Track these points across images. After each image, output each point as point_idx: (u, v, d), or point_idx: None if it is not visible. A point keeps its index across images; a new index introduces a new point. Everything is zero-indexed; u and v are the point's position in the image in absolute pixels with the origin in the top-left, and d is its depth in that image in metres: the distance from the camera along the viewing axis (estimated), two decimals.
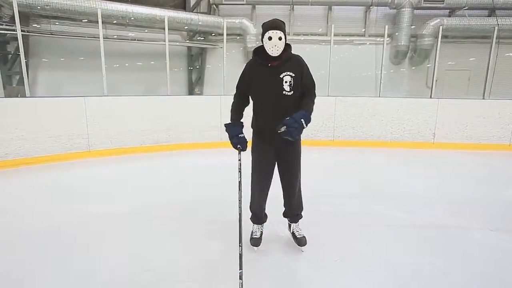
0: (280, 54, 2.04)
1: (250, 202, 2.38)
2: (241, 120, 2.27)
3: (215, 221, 2.84)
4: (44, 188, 3.73)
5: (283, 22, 2.08)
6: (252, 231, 2.44)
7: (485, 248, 2.45)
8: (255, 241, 2.37)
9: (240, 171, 2.16)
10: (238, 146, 2.17)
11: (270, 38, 1.98)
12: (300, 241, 2.34)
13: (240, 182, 2.13)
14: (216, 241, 2.50)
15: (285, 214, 2.45)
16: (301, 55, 2.16)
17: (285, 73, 2.06)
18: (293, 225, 2.44)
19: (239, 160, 2.17)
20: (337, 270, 2.15)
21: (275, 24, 2.00)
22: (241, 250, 1.92)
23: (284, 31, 2.02)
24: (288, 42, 2.10)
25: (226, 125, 2.24)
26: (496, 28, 5.93)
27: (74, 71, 8.05)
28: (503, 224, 2.86)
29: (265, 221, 2.47)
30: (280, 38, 1.98)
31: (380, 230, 2.71)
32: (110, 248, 2.42)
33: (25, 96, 4.64)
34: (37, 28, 7.63)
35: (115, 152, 5.12)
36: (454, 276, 2.10)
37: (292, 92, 2.08)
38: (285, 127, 1.97)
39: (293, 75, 2.07)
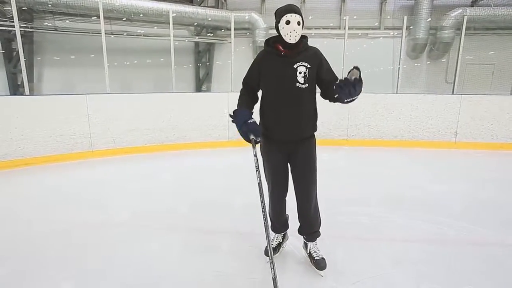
0: (296, 43, 1.80)
1: (268, 208, 2.13)
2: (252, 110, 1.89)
3: (225, 230, 2.62)
4: (44, 191, 3.56)
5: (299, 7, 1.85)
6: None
7: None
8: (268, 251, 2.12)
9: (258, 169, 1.79)
10: (251, 136, 1.77)
11: (288, 22, 1.75)
12: (319, 264, 2.01)
13: (260, 184, 1.77)
14: (224, 252, 2.29)
15: (300, 231, 2.12)
16: None
17: (299, 63, 1.81)
18: (310, 244, 2.10)
19: (255, 155, 1.80)
20: None
21: (293, 8, 1.80)
22: (274, 273, 1.63)
23: (302, 16, 1.79)
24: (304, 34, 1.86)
25: (231, 114, 1.82)
26: None
27: (81, 68, 7.91)
28: None
29: (284, 231, 2.21)
30: (299, 23, 1.76)
31: (406, 247, 2.38)
32: (110, 257, 2.23)
33: (23, 94, 4.48)
34: (42, 25, 7.49)
35: (118, 152, 4.91)
36: None
37: (306, 85, 1.81)
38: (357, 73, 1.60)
39: (309, 66, 1.81)
